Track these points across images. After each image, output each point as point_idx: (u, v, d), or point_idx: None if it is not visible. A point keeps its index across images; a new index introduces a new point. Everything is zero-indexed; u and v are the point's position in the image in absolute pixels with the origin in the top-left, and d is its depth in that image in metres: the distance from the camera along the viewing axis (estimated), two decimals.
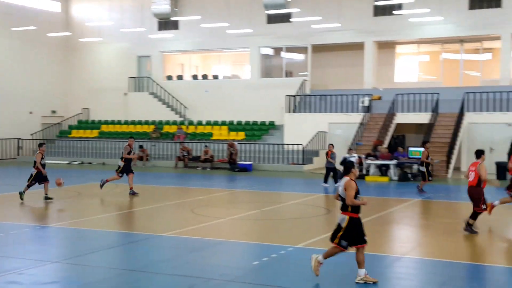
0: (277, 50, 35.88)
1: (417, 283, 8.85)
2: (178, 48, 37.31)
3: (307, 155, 28.58)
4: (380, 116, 28.80)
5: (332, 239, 8.70)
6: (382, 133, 27.83)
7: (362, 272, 8.49)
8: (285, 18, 32.99)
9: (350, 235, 8.52)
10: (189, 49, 37.19)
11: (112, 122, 36.61)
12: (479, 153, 12.85)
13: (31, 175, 16.77)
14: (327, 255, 8.71)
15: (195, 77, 37.49)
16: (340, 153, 27.18)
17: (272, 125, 33.05)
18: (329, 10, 31.84)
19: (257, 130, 32.86)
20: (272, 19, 33.69)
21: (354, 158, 25.02)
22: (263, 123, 33.44)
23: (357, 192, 8.59)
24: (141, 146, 30.89)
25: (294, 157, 28.89)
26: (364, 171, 24.98)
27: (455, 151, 26.46)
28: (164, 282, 8.77)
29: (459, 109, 27.15)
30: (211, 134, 33.20)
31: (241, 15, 33.84)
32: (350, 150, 23.59)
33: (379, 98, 30.38)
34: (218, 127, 33.90)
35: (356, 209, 8.54)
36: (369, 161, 24.99)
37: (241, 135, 32.42)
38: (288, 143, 30.01)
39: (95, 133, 35.66)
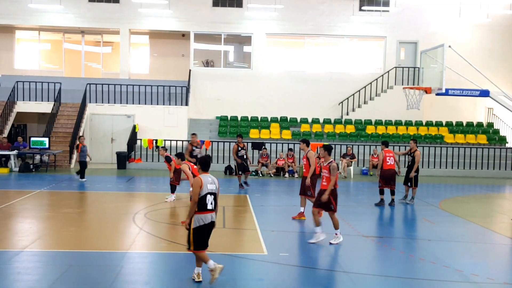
0: None
1: (36, 276, 8.57)
2: None
3: None
4: None
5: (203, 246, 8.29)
6: (1, 122, 26.21)
7: (199, 270, 8.36)
8: None
9: None
10: None
11: None
12: (387, 143, 16.41)
13: None
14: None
15: None
16: None
17: None
18: None
19: None
20: None
21: None
22: None
23: None
24: None
25: None
26: None
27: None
28: None
29: (82, 99, 27.44)
30: None
31: None
32: None
33: None
34: None
35: None
36: None
37: None
38: None
39: None
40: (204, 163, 8.36)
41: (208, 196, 8.12)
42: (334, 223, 11.13)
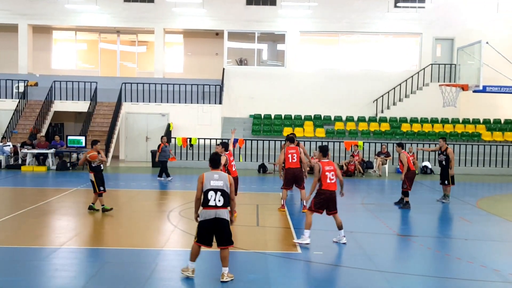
0: None
1: (73, 273, 8.71)
2: None
3: None
4: (37, 103, 27.63)
5: (227, 242, 8.34)
6: (39, 121, 26.74)
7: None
8: None
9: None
10: None
11: None
12: (403, 144, 15.71)
13: None
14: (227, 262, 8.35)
15: None
16: None
17: None
18: None
19: None
20: None
21: (8, 147, 23.61)
22: None
23: None
24: None
25: None
26: (20, 161, 23.69)
27: (114, 140, 27.02)
28: None
29: (117, 98, 27.79)
30: None
31: None
32: (3, 138, 22.11)
33: (36, 84, 29.12)
34: None
35: None
36: (25, 150, 23.75)
37: None
38: None
39: None
40: (212, 161, 8.51)
41: (211, 192, 8.19)
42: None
